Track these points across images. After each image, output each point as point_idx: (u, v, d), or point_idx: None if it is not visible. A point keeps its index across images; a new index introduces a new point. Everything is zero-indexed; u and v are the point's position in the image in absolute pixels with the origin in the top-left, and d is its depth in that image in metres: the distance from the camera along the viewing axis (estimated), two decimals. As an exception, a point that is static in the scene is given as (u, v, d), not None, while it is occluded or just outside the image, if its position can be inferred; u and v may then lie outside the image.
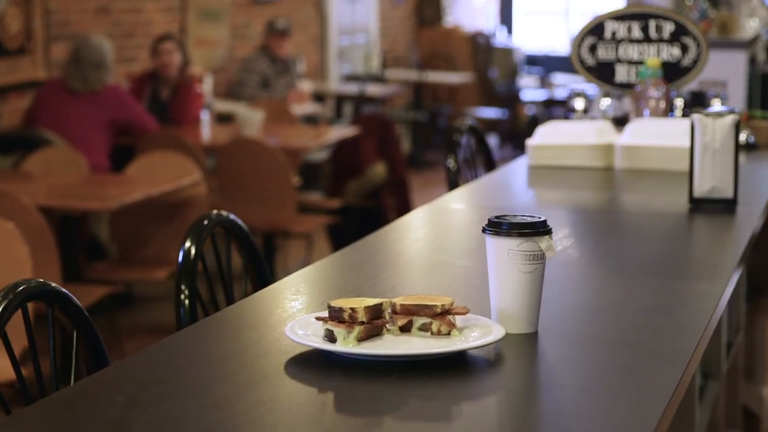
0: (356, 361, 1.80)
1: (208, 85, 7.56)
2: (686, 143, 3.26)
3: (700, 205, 3.02)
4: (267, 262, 3.47)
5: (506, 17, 14.74)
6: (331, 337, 1.84)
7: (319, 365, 1.80)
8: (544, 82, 12.75)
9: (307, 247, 6.99)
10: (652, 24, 4.04)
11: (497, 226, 1.95)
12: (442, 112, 11.93)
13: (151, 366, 1.85)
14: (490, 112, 12.24)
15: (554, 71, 13.27)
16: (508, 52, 12.99)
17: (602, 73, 4.10)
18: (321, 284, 2.40)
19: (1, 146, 6.21)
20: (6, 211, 4.36)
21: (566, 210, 3.19)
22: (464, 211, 3.26)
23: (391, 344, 1.85)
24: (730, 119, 2.96)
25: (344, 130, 7.38)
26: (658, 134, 3.64)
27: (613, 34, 4.08)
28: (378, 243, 2.80)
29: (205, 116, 7.17)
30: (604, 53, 4.09)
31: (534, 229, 1.94)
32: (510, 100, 12.48)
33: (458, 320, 1.90)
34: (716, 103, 4.07)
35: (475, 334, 1.88)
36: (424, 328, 1.89)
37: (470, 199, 3.41)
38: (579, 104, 4.12)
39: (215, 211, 2.62)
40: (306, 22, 10.52)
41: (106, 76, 6.43)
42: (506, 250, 1.95)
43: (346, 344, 1.82)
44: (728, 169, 2.98)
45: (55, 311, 2.07)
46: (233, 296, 2.55)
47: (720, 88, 4.18)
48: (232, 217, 2.64)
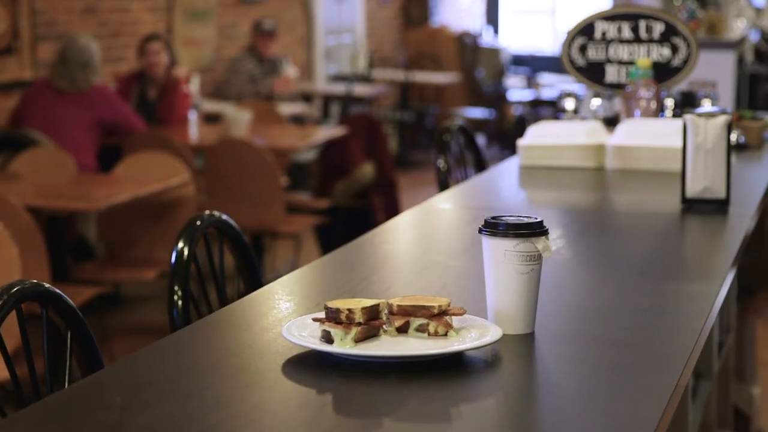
0: (354, 362, 1.79)
1: (195, 85, 7.55)
2: (677, 143, 3.27)
3: (693, 206, 3.02)
4: (258, 262, 3.45)
5: (492, 17, 14.75)
6: (328, 338, 1.83)
7: (316, 366, 1.79)
8: (531, 82, 12.76)
9: (296, 248, 6.98)
10: (642, 24, 4.05)
11: (494, 227, 1.95)
12: (428, 112, 11.93)
13: (147, 368, 1.84)
14: (476, 112, 12.24)
15: (541, 71, 13.29)
16: (494, 52, 13.00)
17: (592, 73, 4.10)
18: (315, 285, 2.39)
19: (-12, 146, 6.20)
20: (-6, 212, 4.35)
21: (558, 210, 3.18)
22: (456, 211, 3.25)
23: (389, 345, 1.85)
24: (723, 120, 2.96)
25: (332, 131, 7.37)
26: (649, 134, 3.64)
27: (603, 34, 4.08)
28: (371, 244, 2.80)
29: (192, 116, 7.16)
30: (594, 53, 4.09)
31: (531, 229, 1.94)
32: (497, 100, 12.49)
33: (455, 321, 1.90)
34: (706, 104, 4.08)
35: (473, 335, 1.87)
36: (421, 329, 1.89)
37: (462, 199, 3.41)
38: (569, 104, 4.12)
39: (207, 212, 2.60)
40: (292, 22, 10.51)
41: (93, 76, 6.41)
42: (503, 250, 1.94)
43: (344, 345, 1.82)
44: (720, 170, 2.99)
45: (49, 312, 2.06)
46: (227, 297, 2.55)
47: (710, 89, 4.19)
48: (225, 217, 2.64)
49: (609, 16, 4.10)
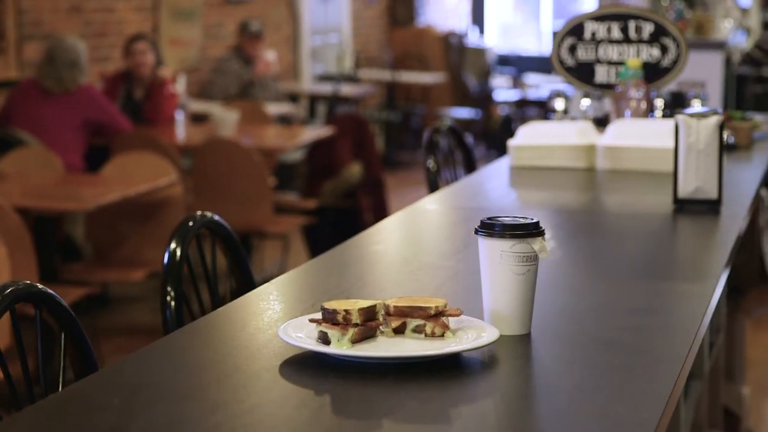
0: (351, 363, 1.78)
1: (181, 85, 7.53)
2: (668, 144, 3.27)
3: (685, 206, 3.03)
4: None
5: (478, 17, 14.76)
6: (325, 339, 1.83)
7: (313, 367, 1.79)
8: (517, 82, 12.77)
9: (283, 248, 6.97)
10: (631, 25, 4.05)
11: (490, 228, 1.95)
12: (415, 112, 11.93)
13: (143, 369, 1.83)
14: (463, 112, 12.25)
15: (526, 71, 13.30)
16: (480, 52, 13.01)
17: (582, 73, 4.10)
18: (309, 286, 2.38)
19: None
20: (-18, 212, 4.33)
21: (550, 211, 3.18)
22: (448, 212, 3.25)
23: (386, 346, 1.84)
24: (715, 120, 2.97)
25: (319, 131, 7.36)
26: (639, 135, 3.64)
27: (593, 34, 4.09)
28: (363, 245, 2.79)
29: (179, 116, 7.14)
30: (583, 54, 4.09)
31: (527, 230, 1.94)
32: (483, 100, 12.50)
33: (452, 322, 1.89)
34: (696, 104, 4.09)
35: (469, 336, 1.87)
36: (418, 330, 1.88)
37: (453, 200, 3.41)
38: (559, 105, 4.12)
39: (199, 212, 2.60)
40: (278, 22, 10.50)
41: (80, 76, 6.39)
42: (499, 251, 1.94)
43: (341, 346, 1.81)
44: (713, 170, 2.99)
45: (43, 313, 2.06)
46: (219, 298, 2.54)
47: (699, 89, 4.20)
48: (217, 218, 2.63)
49: (598, 17, 4.11)
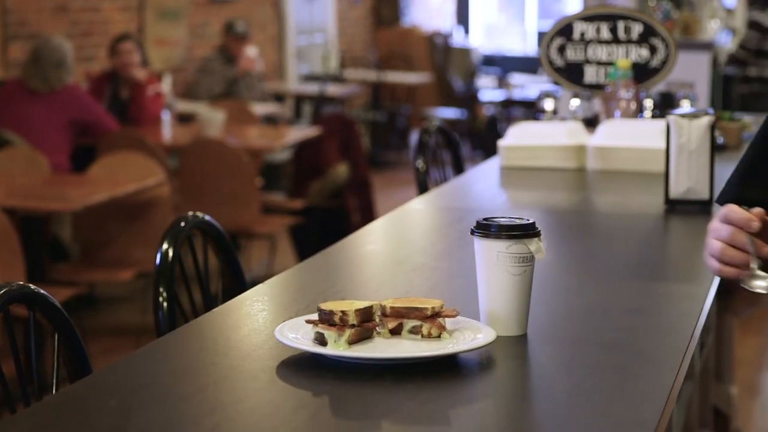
0: (348, 364, 1.78)
1: (167, 85, 7.51)
2: (658, 144, 3.27)
3: (676, 207, 3.03)
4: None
5: (463, 17, 14.77)
6: (321, 340, 1.82)
7: (310, 368, 1.78)
8: (502, 83, 12.78)
9: (270, 248, 6.96)
10: (620, 25, 4.05)
11: (486, 228, 1.94)
12: (400, 113, 11.92)
13: (140, 371, 1.82)
14: (448, 113, 12.25)
15: (511, 71, 13.31)
16: (465, 52, 13.01)
17: (571, 74, 4.10)
18: (303, 287, 2.38)
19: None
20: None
21: (541, 211, 3.18)
22: (439, 213, 3.24)
23: (382, 347, 1.84)
24: (706, 120, 2.97)
25: (305, 131, 7.35)
26: (630, 135, 3.64)
27: (582, 35, 4.09)
28: (356, 245, 2.79)
29: (166, 116, 7.12)
30: (573, 54, 4.10)
31: (523, 231, 1.94)
32: (468, 101, 12.50)
33: (448, 323, 1.89)
34: (686, 104, 4.09)
35: (466, 337, 1.87)
36: (415, 331, 1.88)
37: (444, 201, 3.40)
38: (548, 105, 4.12)
39: (191, 213, 2.59)
40: (264, 22, 10.48)
41: (67, 75, 6.37)
42: (495, 252, 1.94)
43: (337, 347, 1.81)
44: (704, 171, 2.99)
45: (36, 314, 2.04)
46: (211, 298, 2.53)
47: (688, 90, 4.20)
48: (208, 218, 2.62)
49: (587, 17, 4.11)
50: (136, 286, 5.99)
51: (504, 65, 13.73)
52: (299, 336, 1.85)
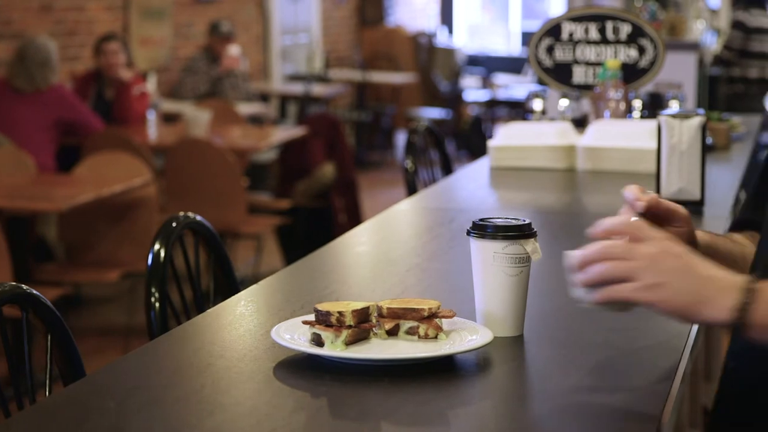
0: (345, 365, 1.77)
1: (152, 85, 7.49)
2: (648, 144, 3.28)
3: (668, 207, 3.02)
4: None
5: (447, 17, 14.78)
6: (318, 341, 1.82)
7: (307, 369, 1.78)
8: (486, 83, 12.79)
9: (257, 249, 6.95)
10: (609, 25, 4.06)
11: (482, 229, 1.94)
12: (385, 113, 11.92)
13: (137, 372, 1.81)
14: (433, 113, 12.25)
15: (496, 71, 13.32)
16: (449, 53, 13.02)
17: (560, 74, 4.11)
18: (298, 287, 2.36)
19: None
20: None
21: (531, 212, 3.18)
22: (430, 213, 3.24)
23: (379, 348, 1.83)
24: (698, 121, 2.97)
25: (291, 131, 7.34)
26: (620, 136, 3.65)
27: (571, 35, 4.09)
28: (348, 246, 2.78)
29: (151, 116, 7.10)
30: (561, 54, 4.10)
31: (520, 231, 1.94)
32: (453, 101, 12.50)
33: (445, 324, 1.89)
34: (674, 105, 4.10)
35: (463, 338, 1.86)
36: (411, 332, 1.87)
37: (434, 201, 3.40)
38: (537, 105, 4.12)
39: (182, 213, 2.58)
40: (248, 22, 10.47)
41: (52, 75, 6.35)
42: (491, 253, 1.93)
43: (334, 348, 1.80)
44: (695, 171, 2.99)
45: (29, 314, 2.03)
46: (203, 299, 2.53)
47: (677, 90, 4.20)
48: (199, 218, 2.62)
49: (576, 17, 4.11)
50: (122, 287, 5.97)
51: (488, 65, 13.75)
52: (296, 336, 1.84)
